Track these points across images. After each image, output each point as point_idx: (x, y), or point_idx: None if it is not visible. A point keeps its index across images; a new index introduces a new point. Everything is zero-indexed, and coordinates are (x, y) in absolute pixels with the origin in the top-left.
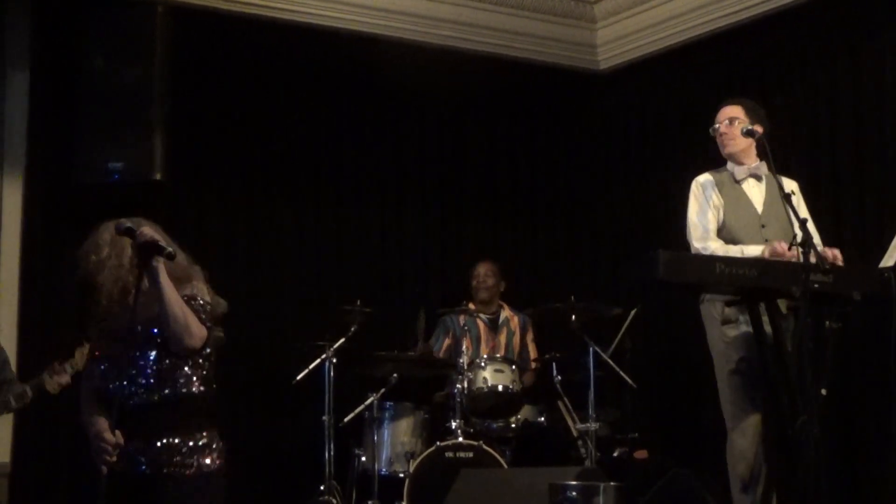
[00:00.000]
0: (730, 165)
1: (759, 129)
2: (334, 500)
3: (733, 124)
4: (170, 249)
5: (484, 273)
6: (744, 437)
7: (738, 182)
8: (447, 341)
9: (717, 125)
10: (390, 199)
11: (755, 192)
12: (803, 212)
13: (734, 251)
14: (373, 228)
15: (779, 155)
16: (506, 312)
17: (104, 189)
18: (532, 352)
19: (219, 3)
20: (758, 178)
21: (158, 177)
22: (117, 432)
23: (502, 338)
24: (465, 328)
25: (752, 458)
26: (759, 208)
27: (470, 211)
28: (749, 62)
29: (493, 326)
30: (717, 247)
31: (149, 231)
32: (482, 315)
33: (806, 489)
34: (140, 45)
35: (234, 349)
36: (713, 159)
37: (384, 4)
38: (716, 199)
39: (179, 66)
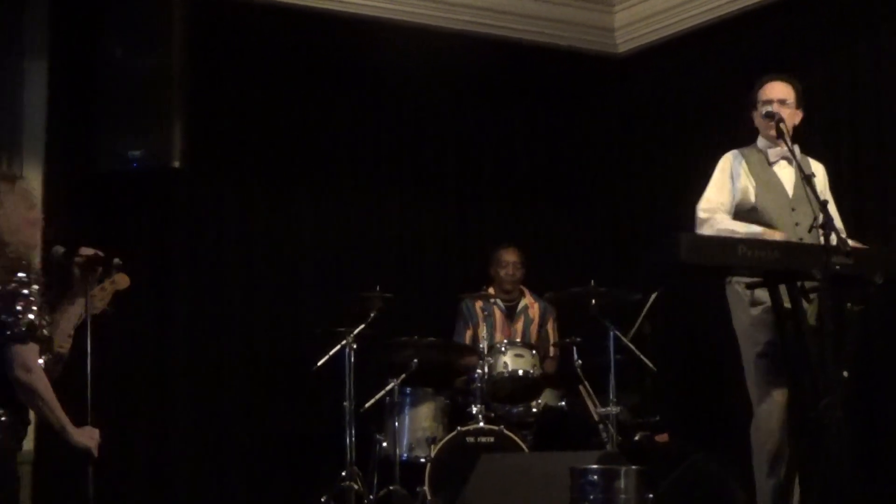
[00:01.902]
0: (762, 144)
1: (800, 113)
2: (356, 486)
3: (784, 105)
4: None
5: (513, 264)
6: (769, 418)
7: (770, 164)
8: (468, 332)
9: (768, 104)
10: (409, 184)
11: (786, 174)
12: (827, 196)
13: (739, 227)
14: (392, 214)
15: (801, 137)
16: (526, 300)
17: (123, 177)
18: (553, 339)
19: None
20: (789, 160)
21: (177, 164)
22: None
23: (519, 326)
24: (485, 313)
25: (777, 439)
26: (790, 191)
27: (488, 196)
28: (768, 44)
29: (511, 314)
30: (721, 218)
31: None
32: (500, 302)
33: (829, 471)
34: (157, 32)
35: (254, 336)
36: (734, 140)
37: None
38: (745, 178)
39: (197, 54)
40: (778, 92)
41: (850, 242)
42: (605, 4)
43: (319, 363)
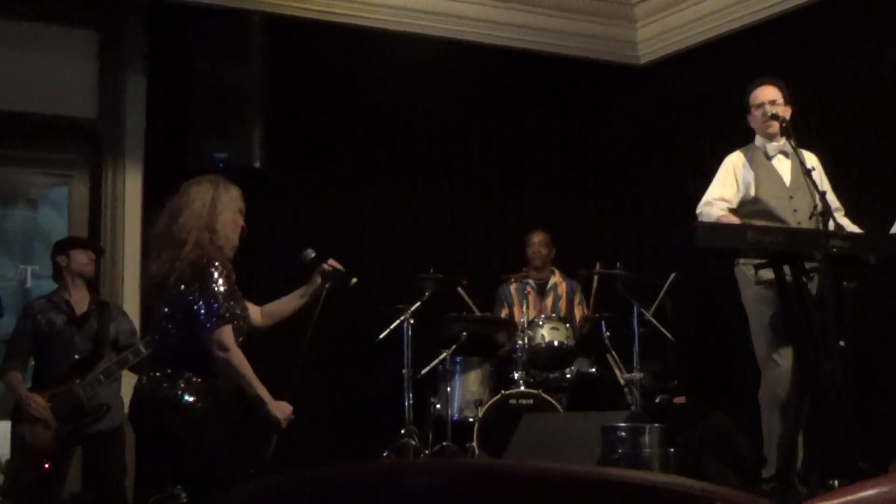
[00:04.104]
0: (760, 142)
1: (790, 109)
2: (413, 442)
3: (775, 105)
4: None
5: (538, 243)
6: (776, 383)
7: (769, 158)
8: (503, 311)
9: (762, 106)
10: (458, 180)
11: (784, 166)
12: (825, 184)
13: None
14: (444, 206)
15: (802, 129)
16: (555, 278)
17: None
18: (578, 313)
19: (305, 13)
20: (785, 153)
21: (258, 165)
22: None
23: (548, 301)
24: (525, 292)
25: (783, 401)
26: (787, 181)
27: (527, 189)
28: (774, 53)
29: (541, 291)
30: (707, 211)
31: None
32: (532, 281)
33: (829, 429)
34: (239, 49)
35: (327, 314)
36: (742, 137)
37: (449, 10)
38: (746, 175)
39: (274, 68)
40: (768, 94)
41: (847, 224)
42: (628, 20)
43: (381, 336)
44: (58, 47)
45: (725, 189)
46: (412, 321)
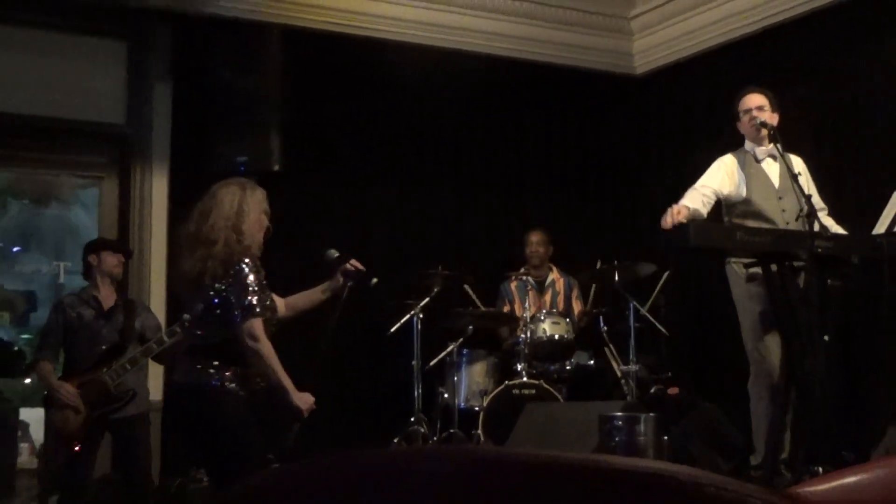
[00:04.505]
0: (749, 146)
1: (777, 116)
2: (422, 430)
3: (762, 110)
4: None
5: (536, 242)
6: (764, 375)
7: (758, 161)
8: (505, 307)
9: (749, 112)
10: (464, 183)
11: (772, 169)
12: (811, 187)
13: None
14: (451, 207)
15: (790, 134)
16: (553, 275)
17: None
18: (576, 308)
19: (321, 26)
20: (773, 157)
21: (276, 168)
22: None
23: (547, 298)
24: (526, 289)
25: (775, 375)
26: (776, 183)
27: (530, 191)
28: (766, 64)
29: (540, 288)
30: (688, 195)
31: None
32: (531, 278)
33: (814, 419)
34: (259, 60)
35: (345, 311)
36: (732, 143)
37: (455, 23)
38: (737, 176)
39: (291, 77)
40: (755, 101)
41: (831, 224)
42: (625, 33)
43: (392, 329)
44: (89, 57)
45: (713, 180)
46: (421, 316)
